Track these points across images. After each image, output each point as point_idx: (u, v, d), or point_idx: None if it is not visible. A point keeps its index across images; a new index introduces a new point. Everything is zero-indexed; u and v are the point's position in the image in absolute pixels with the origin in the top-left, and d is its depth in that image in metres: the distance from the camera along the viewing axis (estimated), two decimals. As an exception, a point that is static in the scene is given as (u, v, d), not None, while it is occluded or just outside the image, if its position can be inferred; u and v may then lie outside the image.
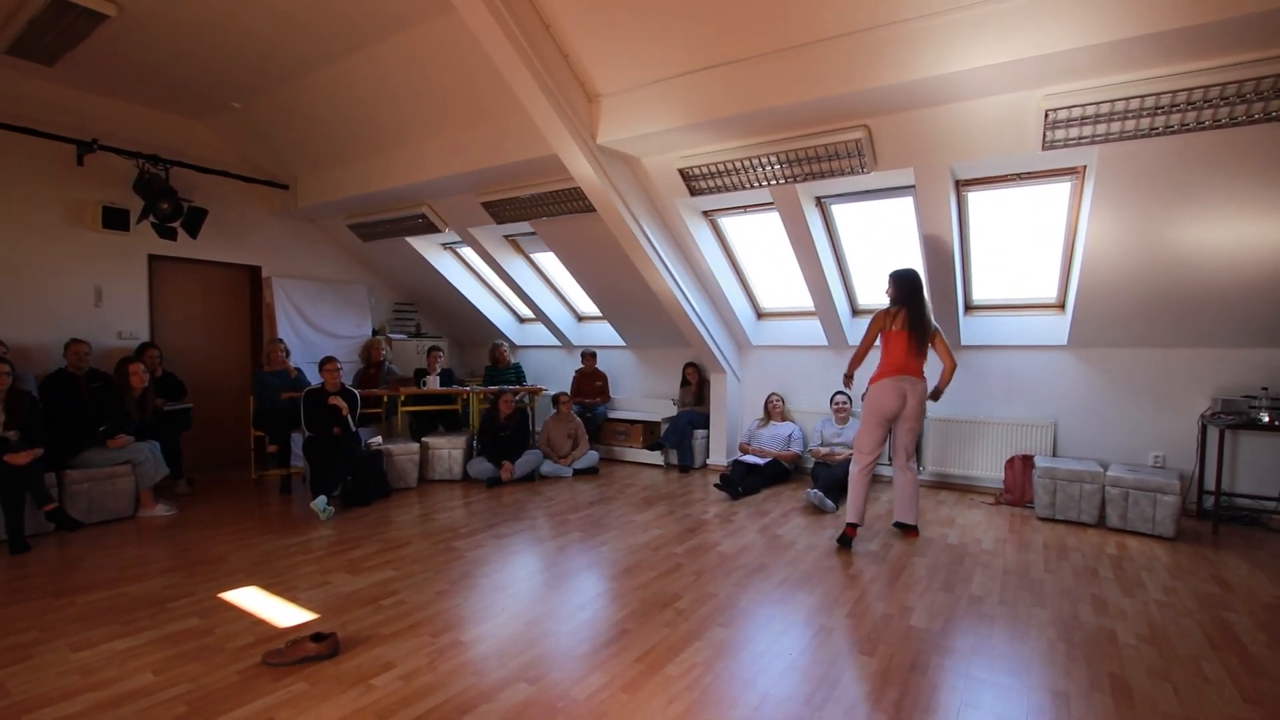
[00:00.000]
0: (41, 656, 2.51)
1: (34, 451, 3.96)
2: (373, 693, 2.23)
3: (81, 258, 5.43)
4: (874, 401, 3.94)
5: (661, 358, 7.00)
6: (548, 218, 5.44)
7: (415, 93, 4.79)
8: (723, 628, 2.77)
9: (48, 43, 4.32)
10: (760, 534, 4.15)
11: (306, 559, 3.68)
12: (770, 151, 4.07)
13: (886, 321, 3.99)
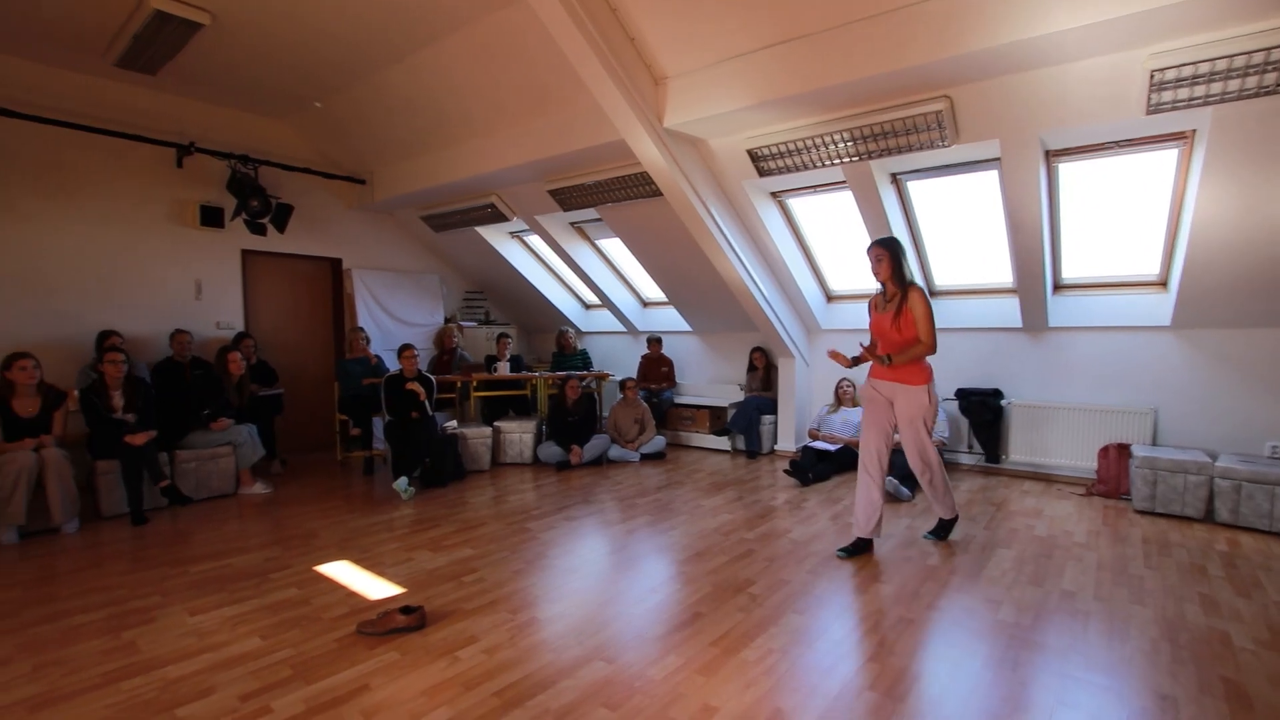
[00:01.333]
0: (163, 619, 2.75)
1: (149, 433, 4.31)
2: (459, 664, 2.32)
3: (183, 254, 5.83)
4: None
5: (728, 343, 6.93)
6: (613, 204, 5.45)
7: (483, 84, 4.88)
8: (798, 614, 2.74)
9: (150, 54, 4.63)
10: (832, 521, 4.07)
11: (391, 536, 3.86)
12: (843, 128, 3.93)
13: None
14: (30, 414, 4.03)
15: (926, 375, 3.42)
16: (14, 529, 3.84)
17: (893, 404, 3.48)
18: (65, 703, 2.12)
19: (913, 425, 3.44)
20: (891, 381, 3.45)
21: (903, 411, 3.46)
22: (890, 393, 3.47)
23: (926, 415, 3.45)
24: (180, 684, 2.22)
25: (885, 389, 3.49)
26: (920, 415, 3.44)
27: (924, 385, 3.42)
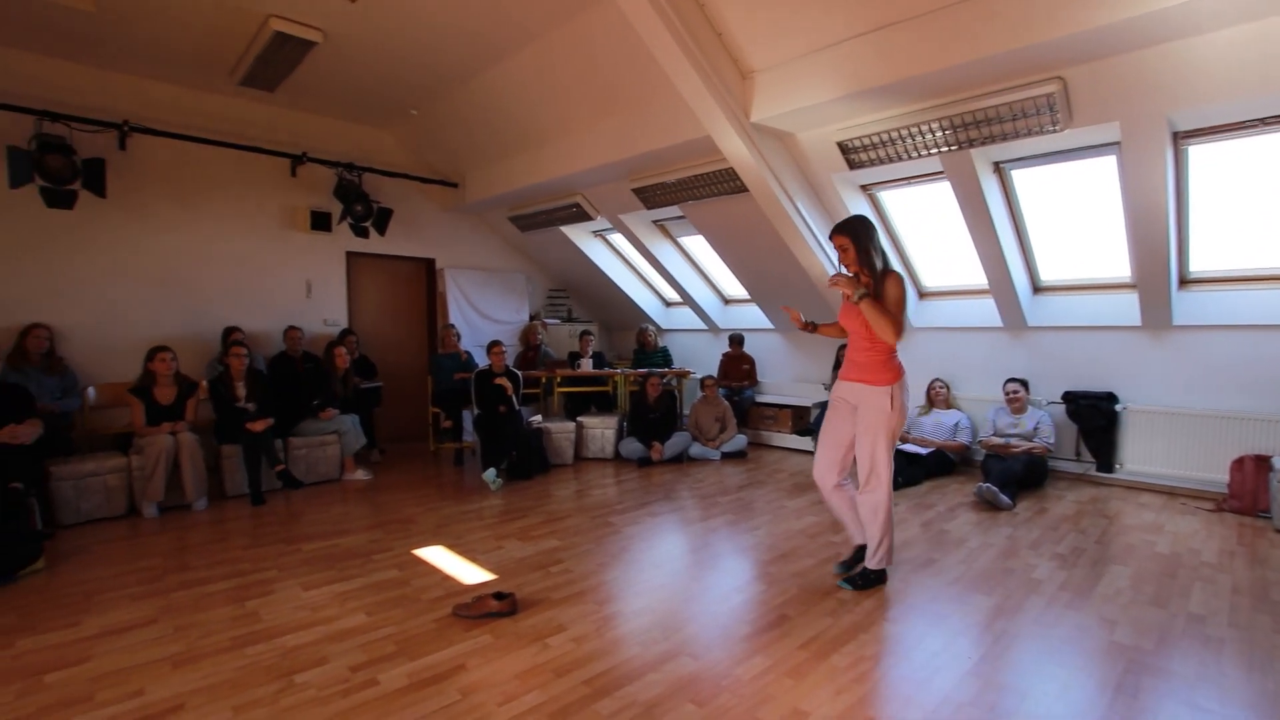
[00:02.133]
0: (281, 592, 2.98)
1: (267, 421, 4.69)
2: (549, 651, 2.39)
3: (295, 256, 6.29)
4: (908, 398, 3.05)
5: (812, 341, 6.76)
6: (697, 201, 5.44)
7: (570, 86, 4.98)
8: (890, 623, 2.64)
9: (270, 73, 5.02)
10: (924, 528, 3.89)
11: (480, 524, 4.02)
12: (941, 116, 3.75)
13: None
14: (168, 401, 4.47)
15: (893, 374, 2.84)
16: (154, 505, 4.27)
17: (857, 411, 2.93)
18: (201, 661, 2.34)
19: (869, 435, 2.86)
20: (854, 382, 2.93)
21: (861, 418, 2.89)
22: (854, 397, 2.93)
23: (888, 426, 2.83)
24: (297, 652, 2.40)
25: (848, 392, 2.96)
26: (879, 425, 2.83)
27: (888, 387, 2.81)
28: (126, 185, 5.22)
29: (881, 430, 2.85)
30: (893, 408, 2.83)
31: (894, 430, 2.86)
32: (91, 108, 4.99)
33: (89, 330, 5.14)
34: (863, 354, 2.89)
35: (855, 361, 2.92)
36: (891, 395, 2.83)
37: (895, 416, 2.84)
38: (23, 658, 2.40)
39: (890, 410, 2.83)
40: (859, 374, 2.90)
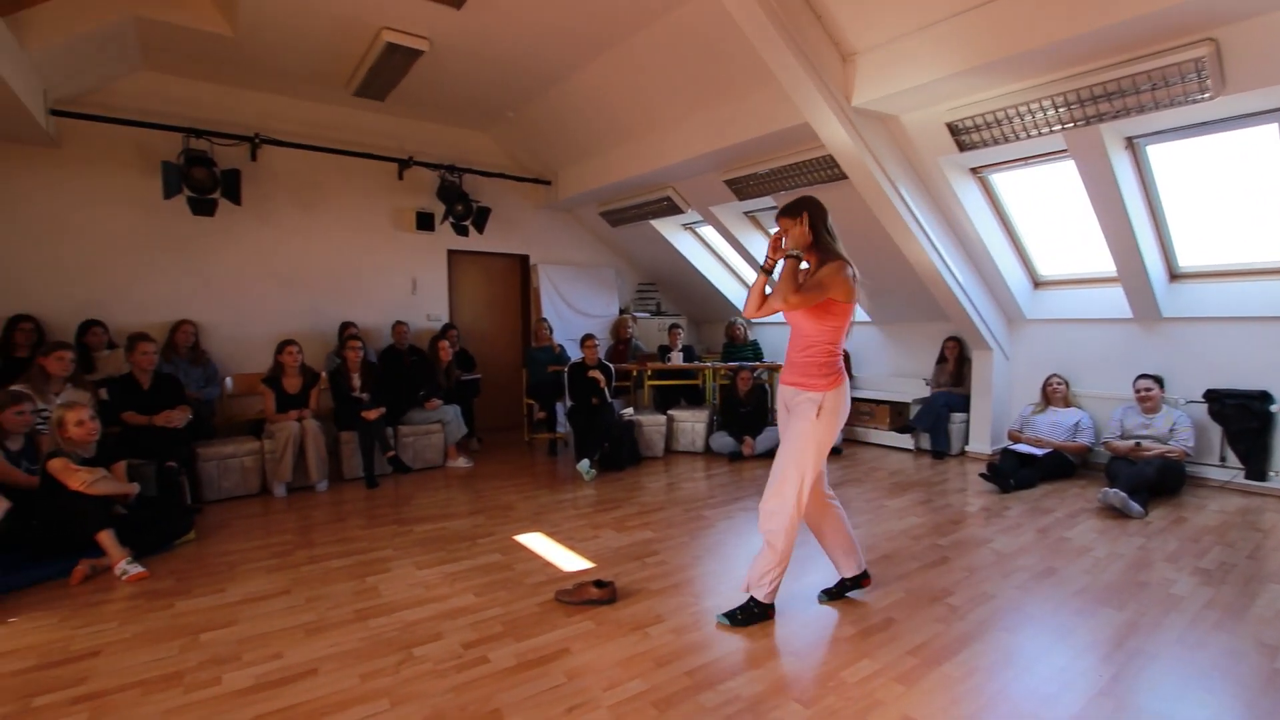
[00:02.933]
0: (396, 570, 3.17)
1: (380, 410, 5.00)
2: (649, 640, 2.41)
3: (402, 255, 6.66)
4: (845, 410, 2.56)
5: (911, 333, 6.45)
6: (790, 190, 5.30)
7: (661, 80, 4.98)
8: (1008, 633, 2.48)
9: (380, 83, 5.32)
10: (1041, 535, 3.63)
11: (577, 514, 4.12)
12: (1067, 89, 3.45)
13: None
14: (294, 391, 4.86)
15: (828, 380, 2.44)
16: (283, 485, 4.66)
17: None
18: (331, 631, 2.54)
19: (788, 445, 2.48)
20: (788, 385, 2.57)
21: (790, 425, 2.52)
22: (789, 402, 2.57)
23: (812, 439, 2.42)
24: (414, 627, 2.55)
25: (784, 396, 2.60)
26: (800, 436, 2.43)
27: (818, 393, 2.43)
28: (258, 193, 5.70)
29: (801, 442, 2.44)
30: (819, 417, 2.42)
31: (819, 445, 2.44)
32: (228, 123, 5.49)
33: (227, 325, 5.67)
34: (799, 353, 2.51)
35: (791, 361, 2.55)
36: (821, 404, 2.42)
37: (822, 429, 2.43)
38: (181, 617, 2.69)
39: (815, 420, 2.42)
40: (792, 376, 2.54)
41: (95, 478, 3.24)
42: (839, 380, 2.48)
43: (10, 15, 3.55)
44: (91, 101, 4.96)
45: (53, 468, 3.20)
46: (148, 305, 5.31)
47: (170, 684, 2.17)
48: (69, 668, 2.29)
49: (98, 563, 3.15)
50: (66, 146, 4.98)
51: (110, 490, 3.30)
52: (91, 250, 5.12)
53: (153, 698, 2.09)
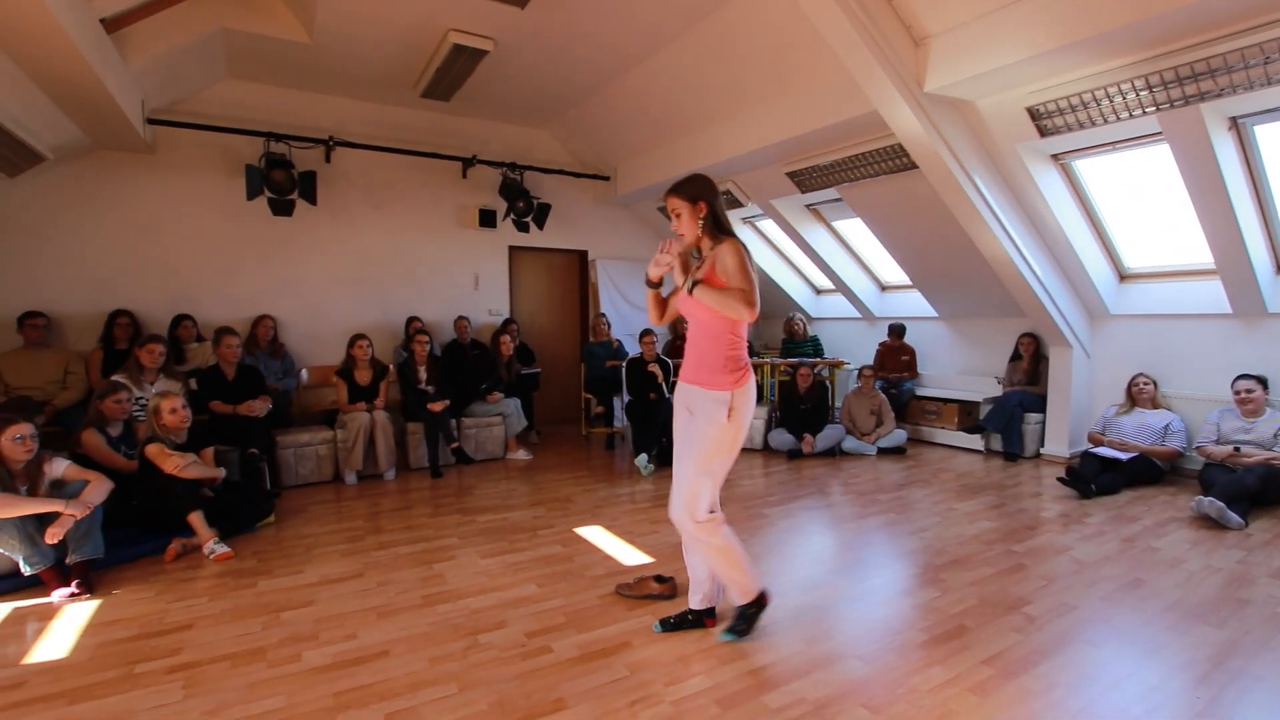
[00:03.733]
0: (461, 559, 3.26)
1: (444, 402, 5.14)
2: (710, 638, 2.39)
3: (465, 251, 6.82)
4: (752, 407, 2.33)
5: (982, 329, 6.18)
6: (856, 182, 5.16)
7: (722, 72, 4.92)
8: (1092, 647, 2.34)
9: (446, 84, 5.46)
10: (1127, 544, 3.41)
11: (635, 508, 4.13)
12: (1164, 67, 3.22)
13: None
14: (365, 383, 5.05)
15: (734, 377, 2.23)
16: (354, 473, 4.86)
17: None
18: (401, 614, 2.63)
19: (694, 449, 2.27)
20: (689, 384, 2.35)
21: (694, 427, 2.31)
22: (690, 402, 2.35)
23: (720, 442, 2.23)
24: (480, 615, 2.61)
25: (685, 396, 2.38)
26: (707, 440, 2.24)
27: (726, 392, 2.22)
28: (331, 193, 5.95)
29: (710, 447, 2.24)
30: (729, 419, 2.22)
31: (728, 448, 2.26)
32: (305, 127, 5.74)
33: (302, 320, 5.95)
34: (702, 347, 2.29)
35: (691, 357, 2.35)
36: (730, 403, 2.22)
37: (732, 431, 2.23)
38: (264, 596, 2.84)
39: (725, 423, 2.22)
40: (694, 374, 2.32)
41: (187, 462, 3.45)
42: (747, 376, 2.27)
43: (116, 33, 3.82)
44: (182, 110, 5.28)
45: (149, 452, 3.43)
46: (232, 301, 5.63)
47: (255, 658, 2.30)
48: (165, 639, 2.45)
49: (188, 542, 3.37)
50: (161, 152, 5.32)
51: (200, 474, 3.51)
52: (182, 249, 5.46)
53: (240, 670, 2.22)
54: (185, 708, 2.01)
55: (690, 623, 2.46)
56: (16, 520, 2.80)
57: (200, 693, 2.09)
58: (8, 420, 2.95)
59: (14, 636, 2.50)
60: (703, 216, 2.29)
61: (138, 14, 3.91)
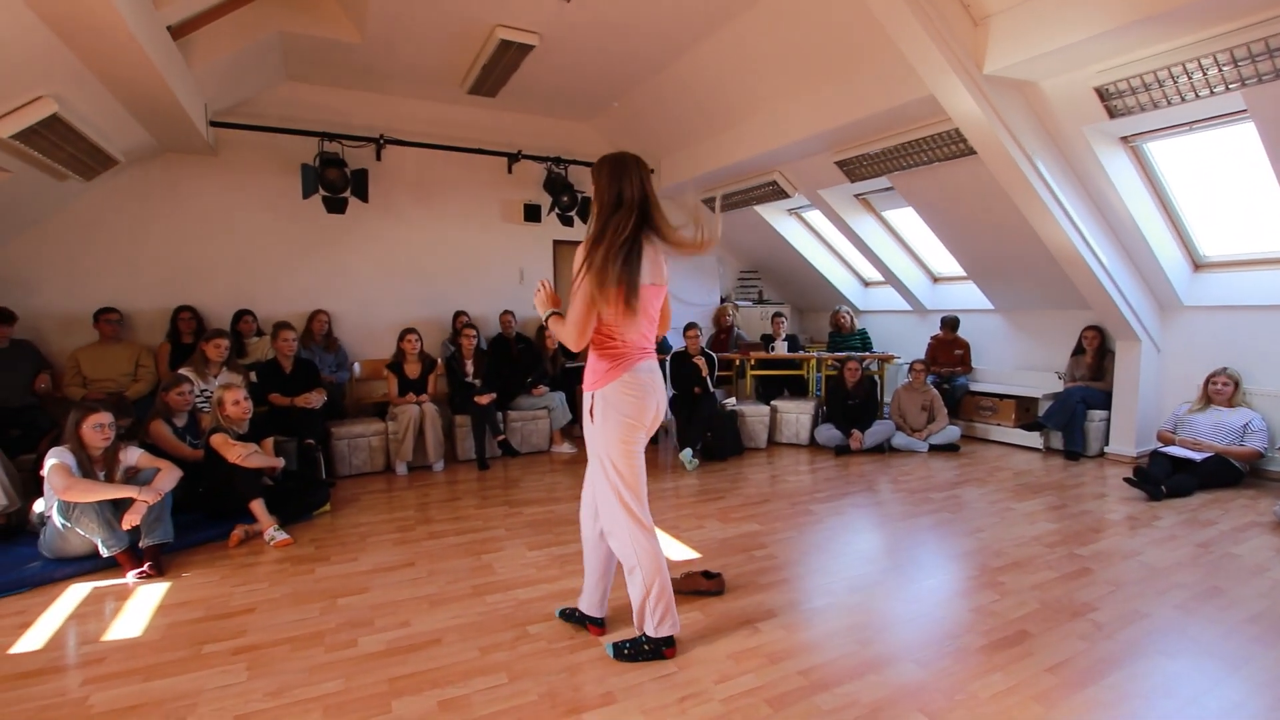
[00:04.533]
0: (509, 550, 3.30)
1: (491, 395, 5.22)
2: (760, 636, 2.36)
3: (510, 245, 6.89)
4: (635, 408, 2.16)
5: (1041, 322, 5.92)
6: (908, 169, 4.99)
7: (769, 59, 4.82)
8: (1166, 658, 2.22)
9: (493, 80, 5.50)
10: (1202, 549, 3.22)
11: (680, 502, 4.11)
12: (1250, 39, 2.99)
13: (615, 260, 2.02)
14: (415, 376, 5.16)
15: (601, 375, 2.13)
16: (404, 464, 4.97)
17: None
18: (451, 604, 2.67)
19: (592, 457, 2.22)
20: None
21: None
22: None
23: (600, 444, 2.14)
24: (528, 605, 2.64)
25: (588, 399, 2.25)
26: (594, 443, 2.17)
27: (591, 392, 2.16)
28: (382, 190, 6.08)
29: (595, 450, 2.17)
30: (593, 420, 2.15)
31: (609, 451, 2.13)
32: (357, 126, 5.88)
33: (354, 314, 6.11)
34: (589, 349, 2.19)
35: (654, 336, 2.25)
36: (592, 404, 2.15)
37: (606, 434, 2.12)
38: (321, 582, 2.93)
39: (604, 425, 2.13)
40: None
41: (249, 451, 3.59)
42: (614, 375, 2.12)
43: (181, 40, 3.97)
44: (242, 112, 5.47)
45: (214, 442, 3.57)
46: (288, 296, 5.82)
47: (313, 643, 2.37)
48: (230, 621, 2.56)
49: (250, 528, 3.50)
50: (222, 154, 5.53)
51: (261, 464, 3.65)
52: (242, 246, 5.67)
53: (299, 654, 2.29)
54: (249, 688, 2.08)
55: (576, 620, 2.44)
56: (95, 505, 2.96)
57: (263, 674, 2.16)
58: (89, 409, 3.12)
59: (94, 614, 2.64)
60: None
61: (201, 20, 4.06)
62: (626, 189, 2.08)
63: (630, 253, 2.02)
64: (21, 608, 2.71)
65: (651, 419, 2.21)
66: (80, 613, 2.66)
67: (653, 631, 2.18)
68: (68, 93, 3.48)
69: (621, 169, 2.10)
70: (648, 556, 2.16)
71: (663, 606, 2.16)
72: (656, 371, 2.24)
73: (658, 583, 2.16)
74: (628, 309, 2.02)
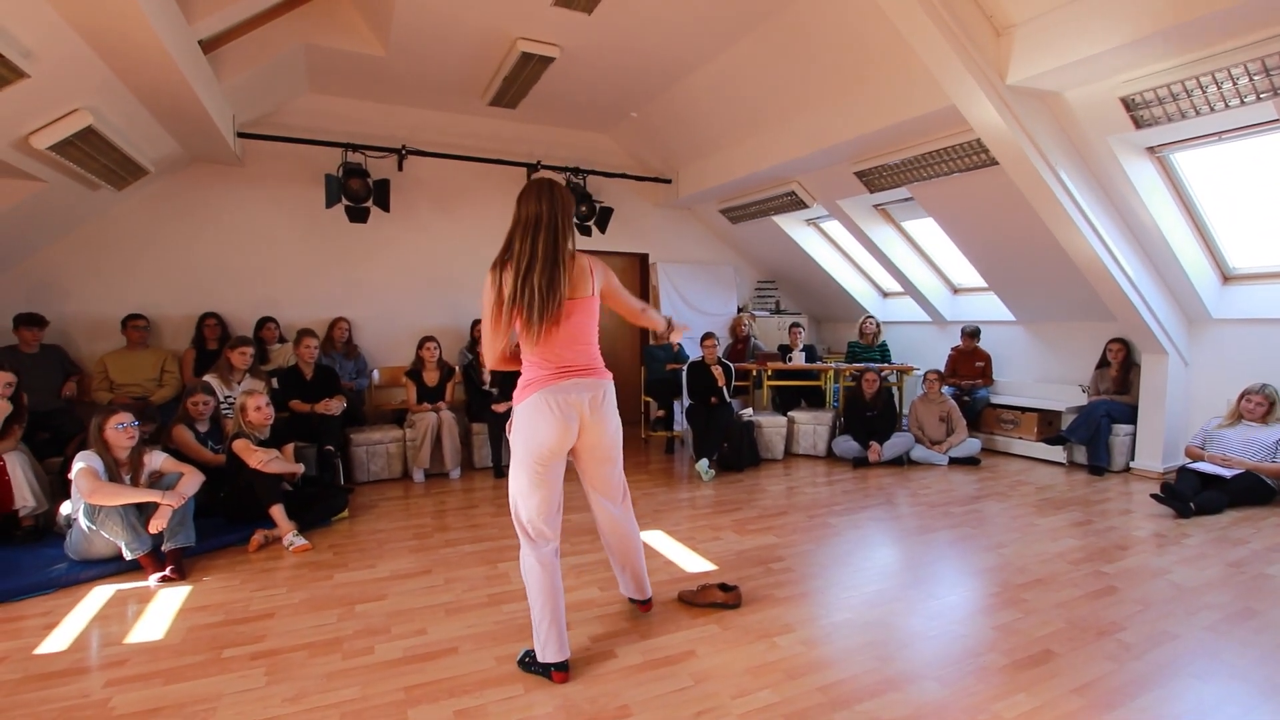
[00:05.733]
0: (525, 559, 3.29)
1: (508, 403, 5.22)
2: (778, 651, 2.33)
3: (528, 255, 6.92)
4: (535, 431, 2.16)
5: (1065, 334, 5.83)
6: (929, 180, 4.95)
7: (788, 70, 4.82)
8: (1198, 681, 2.15)
9: (514, 91, 5.56)
10: (1234, 568, 3.13)
11: (696, 513, 4.08)
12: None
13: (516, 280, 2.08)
14: (433, 384, 5.20)
15: (520, 389, 2.20)
16: (421, 471, 5.00)
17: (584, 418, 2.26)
18: (467, 612, 2.68)
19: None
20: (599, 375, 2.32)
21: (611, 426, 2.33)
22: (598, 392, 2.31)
23: (515, 456, 2.20)
24: (543, 616, 2.63)
25: (589, 390, 2.29)
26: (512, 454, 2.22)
27: (512, 406, 2.24)
28: (403, 200, 6.16)
29: (513, 463, 2.21)
30: (509, 431, 2.22)
31: (522, 464, 2.17)
32: (379, 137, 5.97)
33: (375, 322, 6.18)
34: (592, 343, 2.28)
35: (589, 353, 2.29)
36: (511, 416, 2.23)
37: (518, 447, 2.17)
38: (339, 589, 2.95)
39: (511, 436, 2.21)
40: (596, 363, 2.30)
41: (270, 457, 3.63)
42: (532, 389, 2.15)
43: (211, 54, 4.07)
44: (267, 123, 5.58)
45: (236, 447, 3.62)
46: (311, 303, 5.90)
47: (331, 649, 2.38)
48: (249, 626, 2.58)
49: (270, 533, 3.54)
50: (248, 164, 5.64)
51: (281, 469, 3.69)
52: (266, 254, 5.77)
53: (317, 660, 2.30)
54: (267, 693, 2.10)
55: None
56: (120, 509, 3.01)
57: (281, 679, 2.18)
58: (110, 411, 3.18)
59: (117, 616, 2.68)
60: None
61: (231, 34, 4.16)
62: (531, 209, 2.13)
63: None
64: (48, 608, 2.75)
65: (553, 447, 2.15)
66: (104, 615, 2.70)
67: (540, 657, 2.16)
68: (102, 105, 3.57)
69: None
70: (536, 584, 2.17)
71: (545, 633, 2.14)
72: (582, 391, 2.17)
73: (542, 610, 2.15)
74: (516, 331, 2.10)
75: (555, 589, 2.17)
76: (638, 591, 2.58)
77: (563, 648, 2.15)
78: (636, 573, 2.55)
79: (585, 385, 2.17)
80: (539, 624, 2.16)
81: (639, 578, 2.56)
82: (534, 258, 2.06)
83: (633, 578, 2.56)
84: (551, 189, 2.16)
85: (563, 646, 2.15)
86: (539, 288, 2.04)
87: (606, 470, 2.36)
